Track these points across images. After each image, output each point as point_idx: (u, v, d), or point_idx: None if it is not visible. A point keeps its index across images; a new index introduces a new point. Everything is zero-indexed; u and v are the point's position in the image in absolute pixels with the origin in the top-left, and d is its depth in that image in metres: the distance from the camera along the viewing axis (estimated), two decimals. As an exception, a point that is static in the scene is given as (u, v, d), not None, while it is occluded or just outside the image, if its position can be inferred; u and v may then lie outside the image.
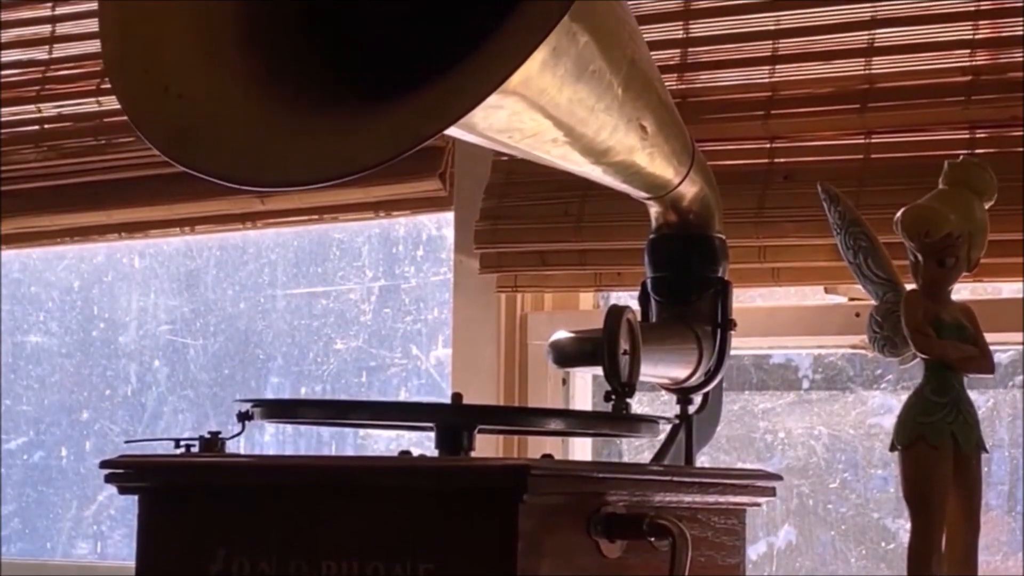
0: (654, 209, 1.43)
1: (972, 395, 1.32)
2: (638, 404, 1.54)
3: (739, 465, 1.93)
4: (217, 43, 1.12)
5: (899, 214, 1.30)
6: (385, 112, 1.05)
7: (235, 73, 1.10)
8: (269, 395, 2.30)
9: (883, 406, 1.89)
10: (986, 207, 1.31)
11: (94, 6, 2.27)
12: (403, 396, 2.24)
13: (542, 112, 1.16)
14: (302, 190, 1.94)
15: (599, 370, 1.22)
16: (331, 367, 2.28)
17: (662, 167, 1.36)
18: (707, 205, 1.44)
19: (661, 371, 1.39)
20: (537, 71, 1.09)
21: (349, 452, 2.23)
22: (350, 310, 2.28)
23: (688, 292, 1.42)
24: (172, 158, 1.04)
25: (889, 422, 1.55)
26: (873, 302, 1.36)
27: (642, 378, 1.24)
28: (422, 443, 1.65)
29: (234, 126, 1.06)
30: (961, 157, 1.35)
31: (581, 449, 1.96)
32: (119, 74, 1.08)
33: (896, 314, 1.32)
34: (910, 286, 1.32)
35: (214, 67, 1.10)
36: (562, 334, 1.30)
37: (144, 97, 1.07)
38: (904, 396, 1.34)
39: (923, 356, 1.30)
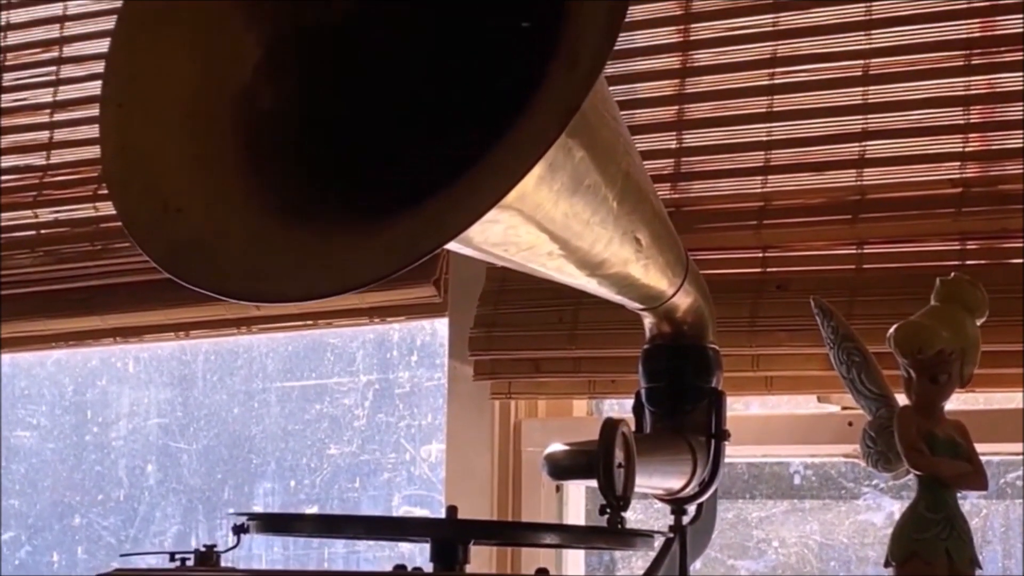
0: (648, 320, 1.44)
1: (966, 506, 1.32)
2: (631, 512, 1.53)
3: (730, 562, 1.93)
4: (216, 159, 1.13)
5: (892, 330, 1.31)
6: (383, 228, 1.05)
7: (234, 188, 1.11)
8: (261, 499, 2.30)
9: (878, 506, 1.89)
10: (978, 323, 1.32)
11: (91, 113, 2.32)
12: (397, 502, 2.23)
13: (538, 226, 1.16)
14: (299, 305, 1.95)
15: (594, 481, 1.22)
16: (324, 473, 2.27)
17: (656, 279, 1.37)
18: (701, 315, 1.44)
19: (656, 482, 1.39)
20: (533, 186, 1.10)
21: (340, 557, 2.22)
22: (344, 415, 2.28)
23: (682, 403, 1.43)
24: (171, 273, 1.05)
25: (879, 518, 1.55)
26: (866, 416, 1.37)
27: (637, 489, 1.24)
28: (415, 557, 1.65)
29: (232, 241, 1.07)
30: (953, 274, 1.36)
31: (575, 562, 1.96)
32: (119, 191, 1.09)
33: (889, 430, 1.32)
34: (903, 401, 1.33)
35: (213, 183, 1.11)
36: (557, 447, 1.30)
37: (144, 213, 1.08)
38: (900, 503, 1.34)
39: (917, 472, 1.30)
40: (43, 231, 2.34)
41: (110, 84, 1.14)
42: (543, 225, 1.16)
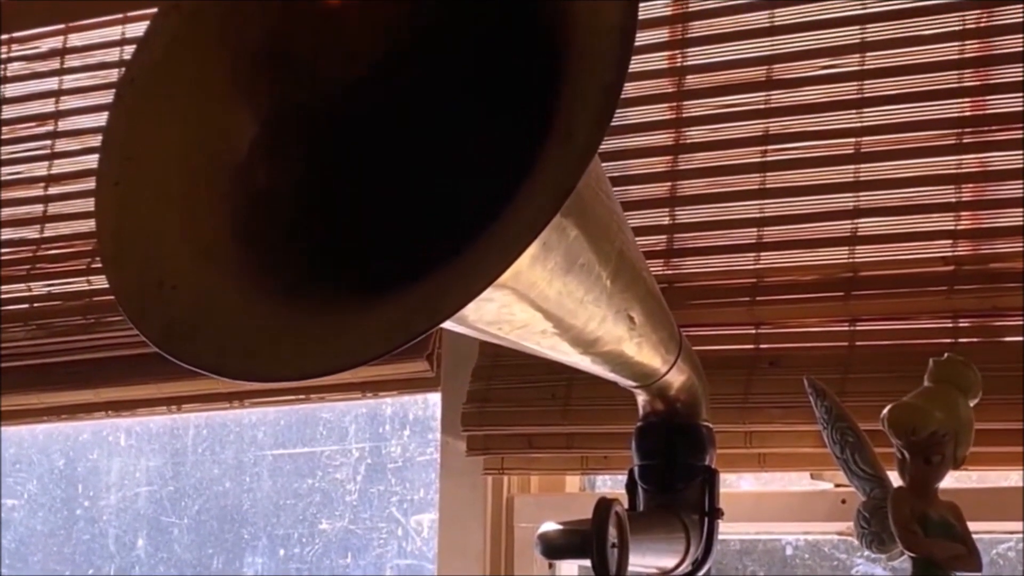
0: (641, 397, 1.44)
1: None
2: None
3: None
4: (211, 237, 1.13)
5: (885, 411, 1.31)
6: (377, 306, 1.06)
7: (229, 266, 1.12)
8: (252, 572, 2.29)
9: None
10: (971, 404, 1.32)
11: (85, 186, 2.32)
12: (388, 576, 2.23)
13: (532, 304, 1.16)
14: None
15: (588, 560, 1.21)
16: (316, 548, 2.26)
17: (650, 356, 1.37)
18: (694, 393, 1.45)
19: (649, 561, 1.38)
20: (527, 265, 1.11)
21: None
22: (335, 488, 2.27)
23: (675, 481, 1.43)
24: (166, 352, 1.05)
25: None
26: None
27: (630, 568, 1.24)
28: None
29: (227, 320, 1.07)
30: (946, 355, 1.37)
31: (567, 642, 1.96)
32: (115, 269, 1.09)
33: (883, 510, 1.32)
34: (896, 481, 1.33)
35: (208, 260, 1.11)
36: (550, 525, 1.29)
37: (139, 291, 1.08)
38: None
39: (911, 554, 1.30)
40: (36, 304, 2.35)
41: (106, 163, 1.15)
42: (537, 304, 1.17)
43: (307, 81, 1.22)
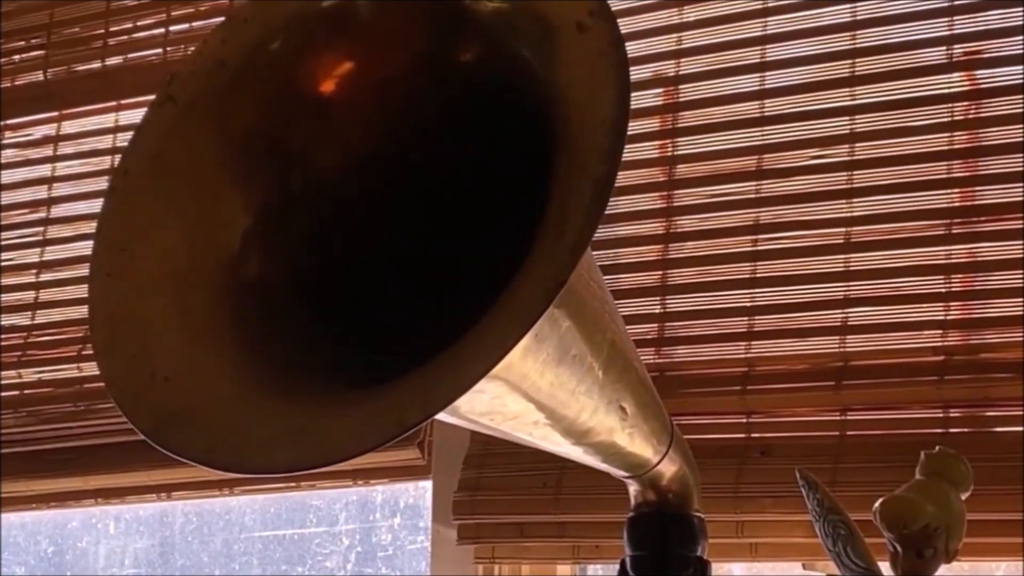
0: (633, 487, 1.44)
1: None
2: None
3: None
4: (203, 327, 1.13)
5: (877, 505, 1.31)
6: (369, 399, 1.06)
7: (222, 357, 1.12)
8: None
9: None
10: (963, 497, 1.32)
11: (77, 273, 2.33)
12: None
13: (524, 395, 1.16)
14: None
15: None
16: (306, 638, 2.25)
17: (641, 447, 1.37)
18: (686, 483, 1.44)
19: (642, 651, 1.38)
20: (520, 357, 1.11)
21: None
22: (325, 576, 2.27)
23: (667, 571, 1.42)
24: (157, 444, 1.05)
25: None
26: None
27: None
28: None
29: (219, 411, 1.07)
30: (937, 448, 1.37)
31: None
32: (107, 360, 1.09)
33: (876, 603, 1.32)
34: (889, 573, 1.33)
35: (200, 352, 1.12)
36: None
37: (131, 382, 1.08)
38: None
39: (903, 647, 1.30)
40: (27, 391, 2.34)
41: (99, 254, 1.15)
42: (529, 395, 1.17)
43: (300, 171, 1.23)
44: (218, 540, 2.33)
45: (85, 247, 2.25)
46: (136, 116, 2.30)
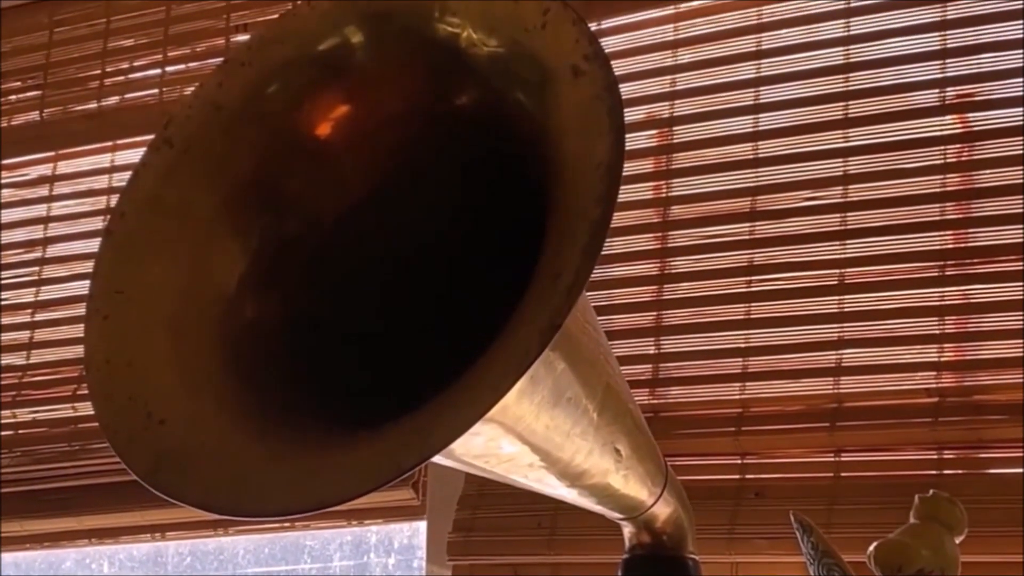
0: (627, 529, 1.44)
1: None
2: None
3: None
4: (199, 370, 1.13)
5: (871, 549, 1.31)
6: (365, 441, 1.06)
7: (218, 399, 1.12)
8: None
9: None
10: (957, 541, 1.32)
11: (73, 312, 2.33)
12: None
13: (519, 438, 1.16)
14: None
15: None
16: None
17: (636, 489, 1.37)
18: (680, 525, 1.44)
19: None
20: (515, 399, 1.11)
21: None
22: (320, 619, 2.26)
23: (662, 613, 1.42)
24: (153, 487, 1.05)
25: None
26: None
27: None
28: None
29: (215, 454, 1.07)
30: (931, 491, 1.37)
31: None
32: (102, 402, 1.09)
33: (871, 646, 1.32)
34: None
35: (196, 394, 1.12)
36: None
37: (127, 424, 1.08)
38: None
39: None
40: (21, 431, 2.34)
41: (95, 297, 1.15)
42: (524, 437, 1.17)
43: (296, 214, 1.23)
44: (212, 580, 2.33)
45: (81, 287, 2.25)
46: (132, 156, 2.32)
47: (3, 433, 2.34)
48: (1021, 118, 1.79)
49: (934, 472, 1.73)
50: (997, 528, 1.63)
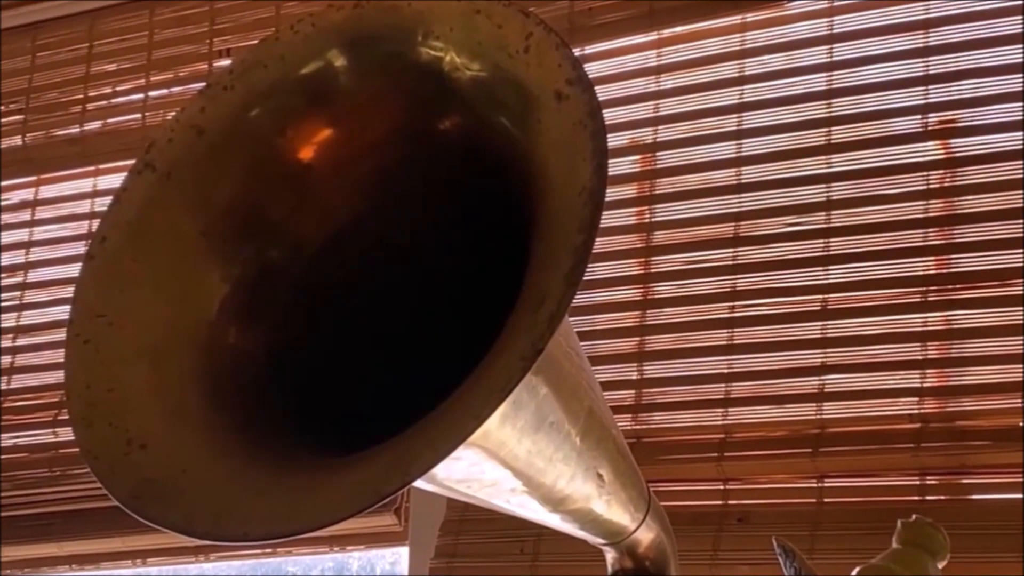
0: (610, 555, 1.43)
1: None
2: None
3: None
4: (180, 395, 1.13)
5: (854, 573, 1.31)
6: (346, 467, 1.05)
7: (199, 425, 1.11)
8: None
9: None
10: (940, 566, 1.32)
11: (54, 338, 2.32)
12: None
13: (501, 463, 1.16)
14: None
15: None
16: None
17: (619, 514, 1.36)
18: (663, 551, 1.44)
19: None
20: (497, 424, 1.10)
21: None
22: (301, 645, 2.25)
23: (644, 639, 1.41)
24: (134, 512, 1.04)
25: None
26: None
27: None
28: None
29: (197, 480, 1.06)
30: (914, 517, 1.37)
31: None
32: (83, 427, 1.09)
33: (854, 672, 1.32)
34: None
35: (178, 419, 1.11)
36: None
37: (107, 450, 1.08)
38: None
39: None
40: (2, 456, 2.33)
41: (76, 322, 1.15)
42: (507, 462, 1.16)
43: (279, 239, 1.23)
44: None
45: (62, 312, 2.25)
46: (114, 181, 2.31)
47: (-16, 458, 2.34)
48: (1004, 144, 1.79)
49: (917, 498, 1.73)
50: (979, 554, 1.63)
